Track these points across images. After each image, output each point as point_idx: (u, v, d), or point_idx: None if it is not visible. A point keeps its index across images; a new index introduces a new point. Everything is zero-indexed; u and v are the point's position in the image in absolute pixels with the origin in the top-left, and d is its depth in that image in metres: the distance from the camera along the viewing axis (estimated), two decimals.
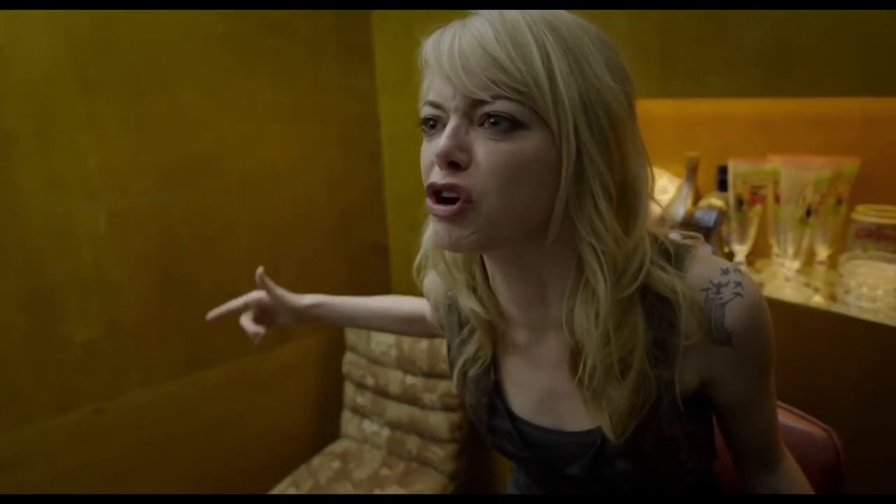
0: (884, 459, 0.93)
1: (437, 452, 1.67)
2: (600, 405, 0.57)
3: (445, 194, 0.51)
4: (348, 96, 1.79)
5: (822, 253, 1.12)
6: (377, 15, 1.75)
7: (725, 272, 0.55)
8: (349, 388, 1.85)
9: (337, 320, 0.96)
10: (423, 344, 1.67)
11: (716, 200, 1.18)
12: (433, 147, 0.52)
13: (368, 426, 1.79)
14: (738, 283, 0.55)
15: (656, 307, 0.56)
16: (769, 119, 1.16)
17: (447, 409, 1.65)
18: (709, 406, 0.64)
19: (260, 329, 0.92)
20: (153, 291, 1.52)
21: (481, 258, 0.61)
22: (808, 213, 1.02)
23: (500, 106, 0.48)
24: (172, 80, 1.46)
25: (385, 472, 1.68)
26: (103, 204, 1.42)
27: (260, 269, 0.94)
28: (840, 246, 1.09)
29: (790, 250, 1.07)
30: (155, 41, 1.42)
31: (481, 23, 0.49)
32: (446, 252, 0.62)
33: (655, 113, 1.33)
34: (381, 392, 1.76)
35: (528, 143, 0.49)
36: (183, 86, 1.48)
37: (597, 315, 0.53)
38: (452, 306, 0.70)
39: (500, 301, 0.62)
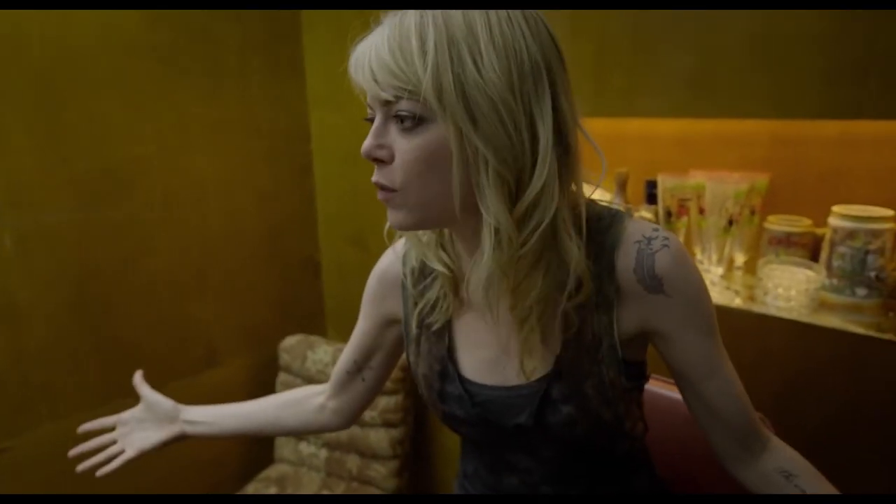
0: (802, 448, 1.03)
1: (379, 470, 1.65)
2: (530, 345, 0.65)
3: (381, 189, 0.60)
4: (278, 109, 1.74)
5: (740, 259, 1.23)
6: (307, 27, 1.73)
7: (656, 230, 0.63)
8: None
9: (226, 432, 0.93)
10: None
11: (646, 213, 1.26)
12: None
13: (305, 448, 1.73)
14: (666, 238, 0.62)
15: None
16: (690, 138, 1.27)
17: (388, 425, 1.64)
18: (643, 374, 0.70)
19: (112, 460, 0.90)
20: (65, 316, 1.40)
21: None
22: (730, 222, 1.12)
23: (403, 105, 0.55)
24: (89, 89, 1.36)
25: (326, 493, 1.63)
26: (8, 222, 1.29)
27: (138, 372, 0.94)
28: (755, 253, 1.21)
29: (714, 257, 1.17)
30: (70, 47, 1.32)
31: (381, 31, 0.56)
32: None
33: (588, 131, 1.42)
34: None
35: (432, 135, 0.55)
36: (101, 95, 1.38)
37: (481, 275, 0.60)
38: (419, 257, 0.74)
39: (462, 259, 0.67)
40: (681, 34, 1.08)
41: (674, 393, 0.83)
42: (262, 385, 1.79)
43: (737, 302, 1.15)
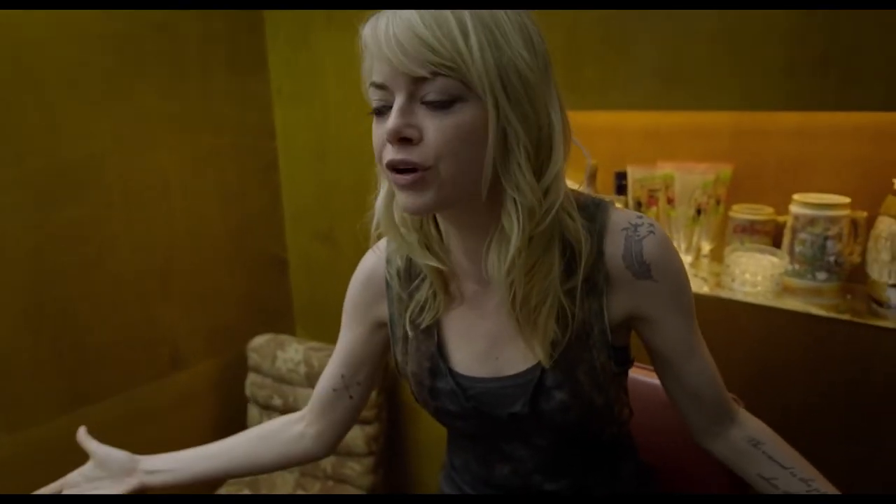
0: (770, 423, 1.07)
1: (354, 468, 1.64)
2: (531, 333, 0.65)
3: (401, 167, 0.57)
4: (242, 105, 1.70)
5: (706, 248, 1.27)
6: (270, 21, 1.69)
7: (640, 217, 0.66)
8: (253, 411, 1.75)
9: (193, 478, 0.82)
10: None
11: (617, 204, 1.29)
12: (384, 127, 0.57)
13: None
14: (651, 224, 0.65)
15: (572, 248, 0.64)
16: (657, 130, 1.30)
17: (363, 422, 1.63)
18: (628, 358, 0.71)
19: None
20: (22, 322, 1.33)
21: (434, 216, 0.67)
22: (699, 212, 1.16)
23: (439, 82, 0.54)
24: (43, 83, 1.30)
25: (300, 493, 1.61)
26: None
27: (82, 428, 0.82)
28: (720, 241, 1.25)
29: (683, 246, 1.20)
30: (22, 39, 1.25)
31: (409, 11, 0.54)
32: (395, 217, 0.66)
33: None
34: (291, 411, 1.68)
35: (467, 113, 0.55)
36: (56, 89, 1.32)
37: (506, 253, 0.60)
38: (405, 257, 0.73)
39: (452, 254, 0.68)
40: (650, 28, 1.11)
41: (653, 379, 0.85)
42: (232, 387, 1.75)
43: (705, 289, 1.19)
